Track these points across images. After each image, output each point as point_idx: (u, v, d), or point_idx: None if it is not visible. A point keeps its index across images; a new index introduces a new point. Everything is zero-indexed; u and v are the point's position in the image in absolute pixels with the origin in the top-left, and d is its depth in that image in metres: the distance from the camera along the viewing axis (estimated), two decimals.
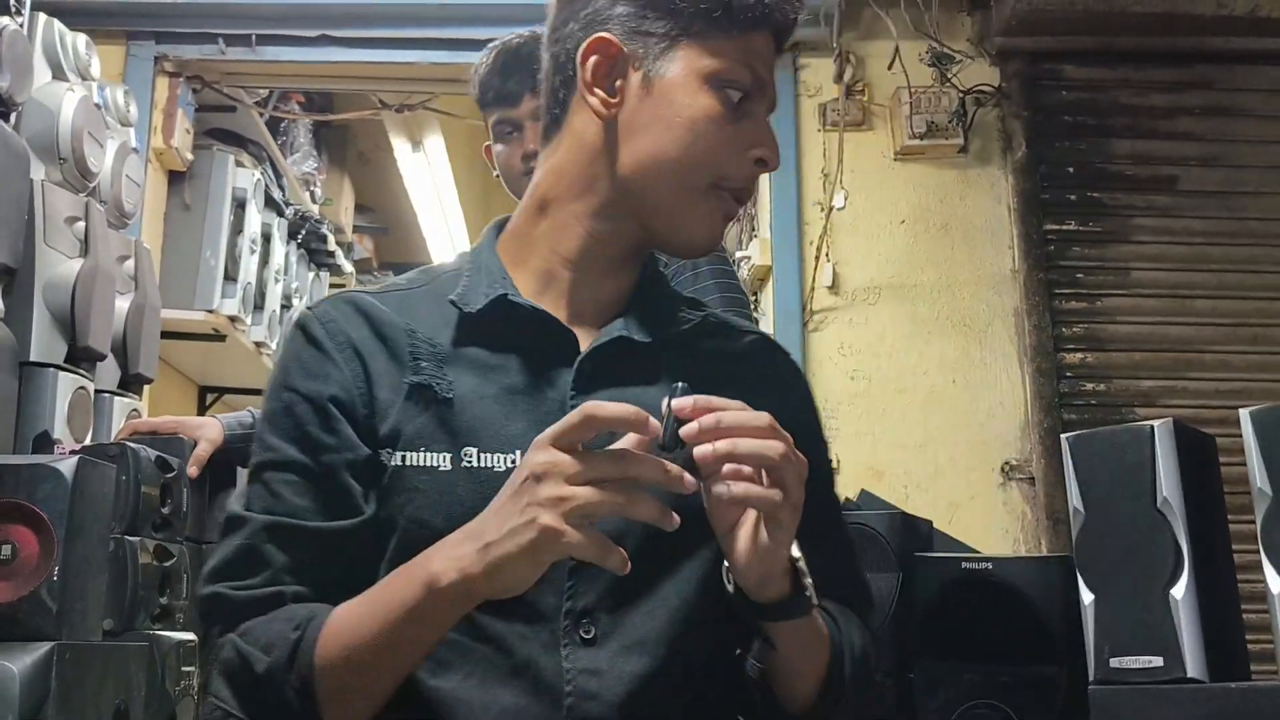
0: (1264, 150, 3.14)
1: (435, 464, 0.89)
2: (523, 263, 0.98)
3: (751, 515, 0.83)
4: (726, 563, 0.86)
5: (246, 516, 0.90)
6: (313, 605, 0.87)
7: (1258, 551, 0.91)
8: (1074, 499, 1.00)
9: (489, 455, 0.90)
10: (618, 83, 0.94)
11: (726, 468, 0.79)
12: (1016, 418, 2.99)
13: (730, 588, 0.87)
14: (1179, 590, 0.93)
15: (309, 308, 0.98)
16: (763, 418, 0.80)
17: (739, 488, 0.79)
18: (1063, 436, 1.02)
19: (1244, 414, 0.92)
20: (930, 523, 1.53)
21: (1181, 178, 3.12)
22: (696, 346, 1.00)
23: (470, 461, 0.89)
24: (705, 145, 0.92)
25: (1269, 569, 0.89)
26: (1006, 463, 2.97)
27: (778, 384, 1.03)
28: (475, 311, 0.94)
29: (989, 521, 2.92)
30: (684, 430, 0.79)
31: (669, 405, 0.79)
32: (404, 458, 0.89)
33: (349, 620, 0.83)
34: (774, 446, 0.80)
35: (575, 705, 0.85)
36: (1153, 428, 0.97)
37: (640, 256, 1.00)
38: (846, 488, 2.91)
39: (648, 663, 0.87)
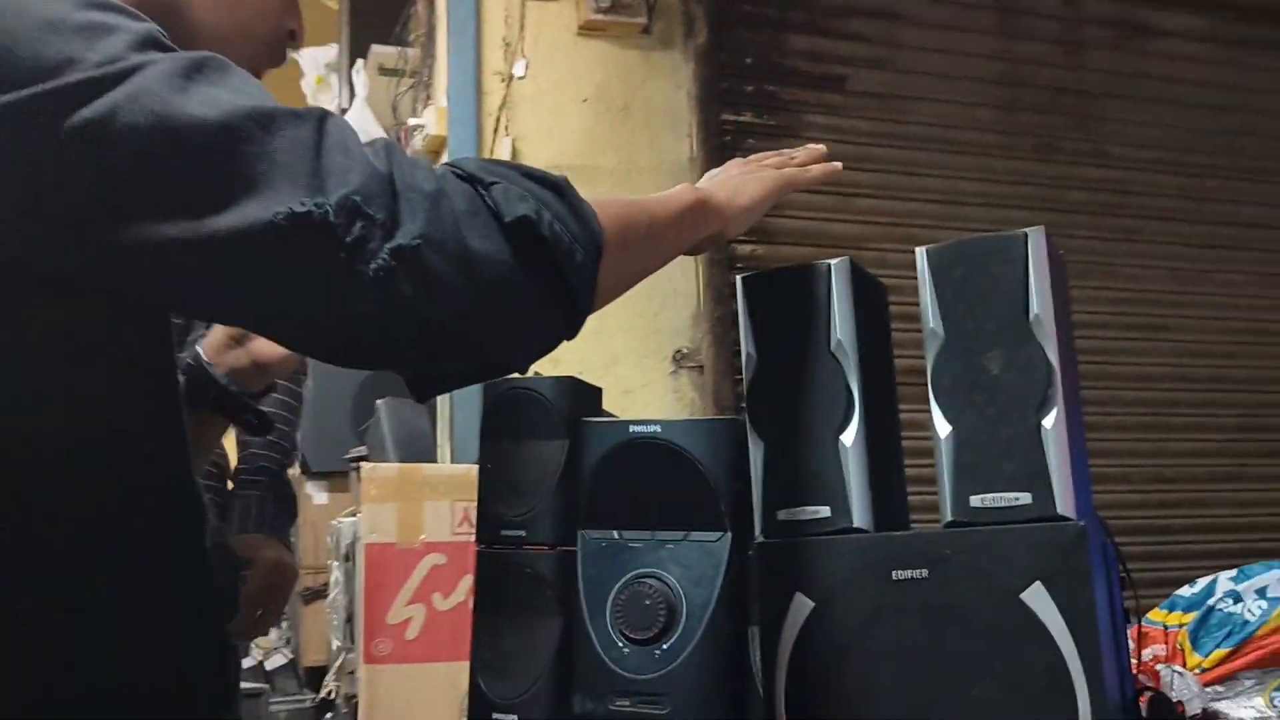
0: (927, 57, 3.27)
1: None
2: None
3: None
4: None
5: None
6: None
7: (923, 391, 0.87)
8: (747, 344, 0.93)
9: None
10: None
11: None
12: (689, 307, 3.00)
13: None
14: (849, 437, 0.88)
15: None
16: None
17: None
18: (738, 278, 0.95)
19: (920, 252, 0.88)
20: (600, 390, 1.44)
21: (851, 78, 3.20)
22: None
23: None
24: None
25: (935, 410, 0.85)
26: (678, 350, 2.98)
27: None
28: None
29: (660, 409, 2.93)
30: None
31: None
32: None
33: (614, 199, 0.84)
34: None
35: None
36: (830, 265, 0.91)
37: None
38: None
39: None
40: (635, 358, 2.93)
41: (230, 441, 1.62)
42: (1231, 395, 3.43)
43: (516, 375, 1.04)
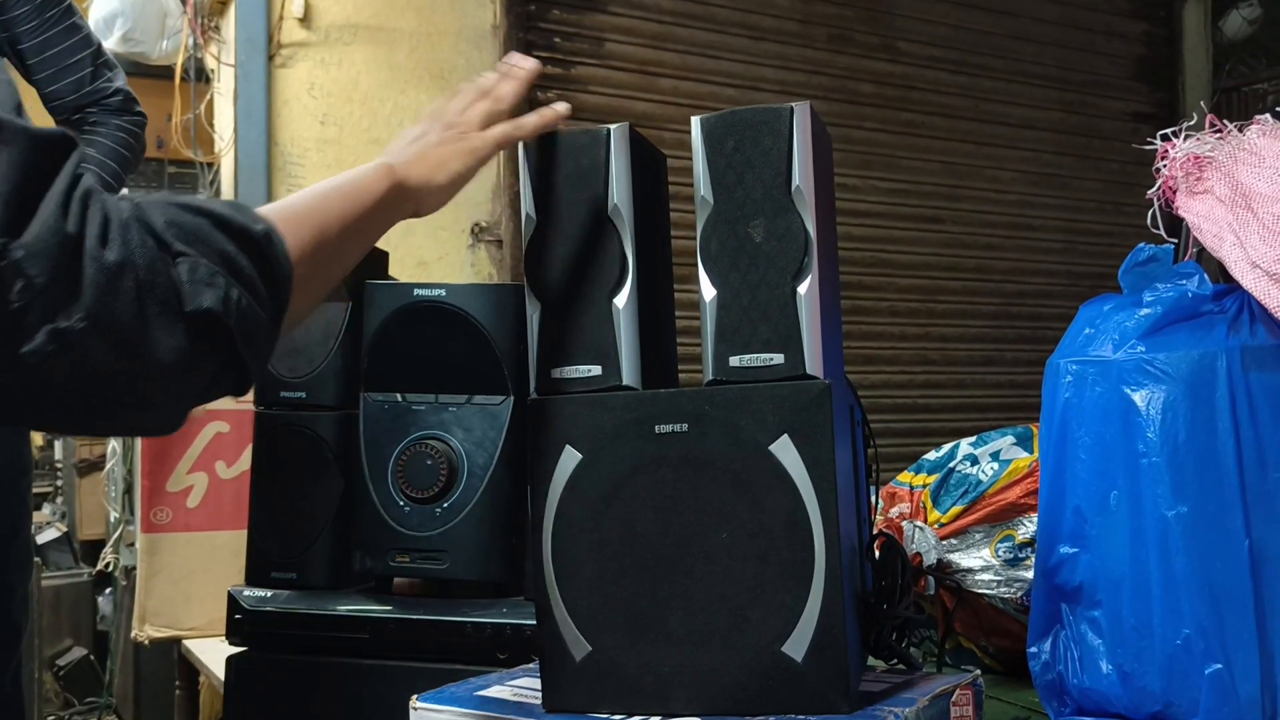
0: None
1: None
2: None
3: None
4: None
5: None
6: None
7: (694, 264, 0.91)
8: (527, 206, 0.95)
9: None
10: None
11: None
12: (489, 180, 2.97)
13: None
14: (621, 299, 0.91)
15: None
16: None
17: None
18: (520, 143, 0.95)
19: (694, 121, 0.91)
20: (387, 254, 1.43)
21: None
22: None
23: None
24: None
25: (702, 274, 0.89)
26: (477, 224, 2.96)
27: None
28: None
29: (457, 281, 2.92)
30: None
31: None
32: None
33: (307, 210, 0.80)
34: None
35: None
36: (609, 130, 0.93)
37: None
38: None
39: None
40: (431, 229, 2.89)
41: None
42: (993, 285, 3.69)
43: None
